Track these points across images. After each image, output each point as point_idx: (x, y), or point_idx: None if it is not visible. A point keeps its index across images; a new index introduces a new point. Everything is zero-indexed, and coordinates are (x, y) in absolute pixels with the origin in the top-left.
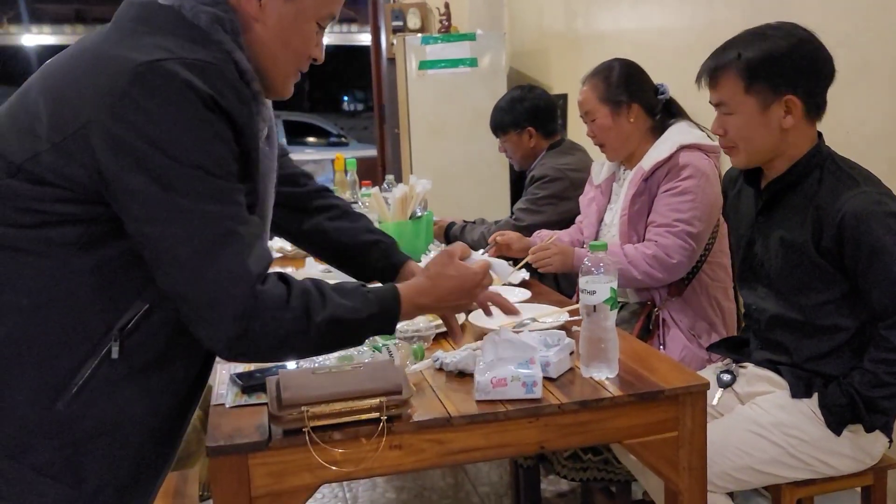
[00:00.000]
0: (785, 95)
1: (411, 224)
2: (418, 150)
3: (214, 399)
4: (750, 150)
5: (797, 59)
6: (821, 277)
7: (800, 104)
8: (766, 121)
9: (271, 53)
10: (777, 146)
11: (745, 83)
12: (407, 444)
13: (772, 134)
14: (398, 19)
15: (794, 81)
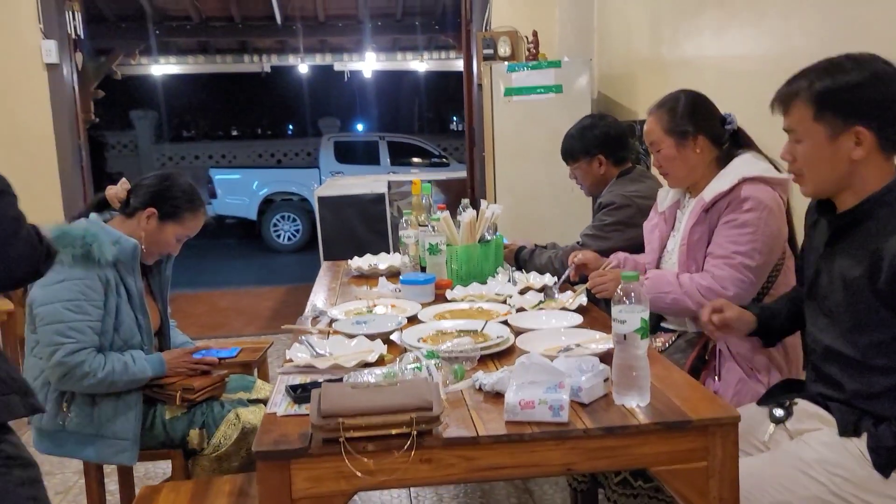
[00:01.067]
0: (855, 126)
1: (479, 247)
2: (502, 173)
3: (269, 408)
4: (816, 180)
5: (870, 91)
6: (876, 317)
7: (871, 137)
8: (834, 151)
9: None
10: (845, 178)
11: (815, 111)
12: (436, 458)
13: (839, 164)
14: (489, 47)
15: (865, 113)
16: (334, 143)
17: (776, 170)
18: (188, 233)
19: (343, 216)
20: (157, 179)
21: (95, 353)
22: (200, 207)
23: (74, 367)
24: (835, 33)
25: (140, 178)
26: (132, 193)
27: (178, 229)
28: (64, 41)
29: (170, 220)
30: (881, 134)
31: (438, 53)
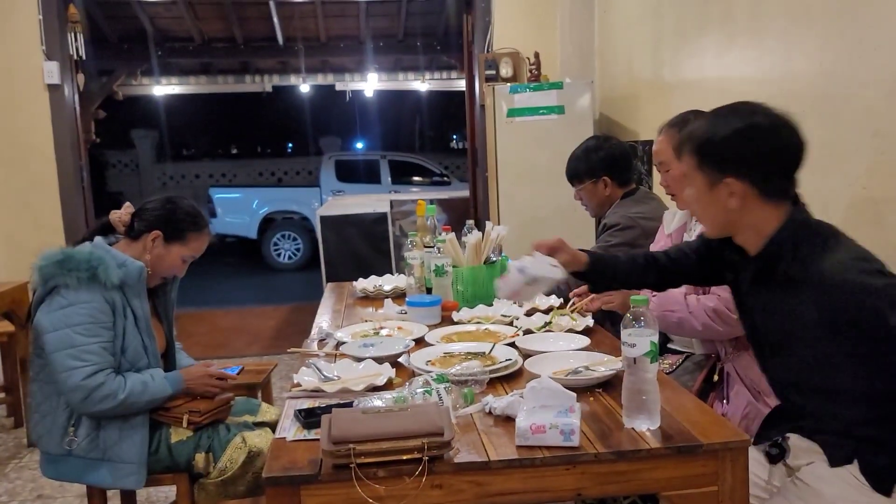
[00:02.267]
0: (725, 178)
1: (485, 269)
2: (505, 193)
3: (278, 433)
4: (708, 224)
5: (740, 144)
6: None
7: (745, 187)
8: (714, 199)
9: None
10: (731, 223)
11: (696, 160)
12: (447, 484)
13: (721, 212)
14: (491, 68)
15: (735, 166)
16: (335, 161)
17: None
18: (193, 254)
19: (345, 236)
20: (160, 202)
21: (114, 374)
22: (205, 228)
23: (94, 390)
24: (835, 56)
25: (144, 201)
26: (136, 217)
27: (184, 250)
28: (66, 62)
29: (175, 241)
30: (759, 184)
31: (440, 74)
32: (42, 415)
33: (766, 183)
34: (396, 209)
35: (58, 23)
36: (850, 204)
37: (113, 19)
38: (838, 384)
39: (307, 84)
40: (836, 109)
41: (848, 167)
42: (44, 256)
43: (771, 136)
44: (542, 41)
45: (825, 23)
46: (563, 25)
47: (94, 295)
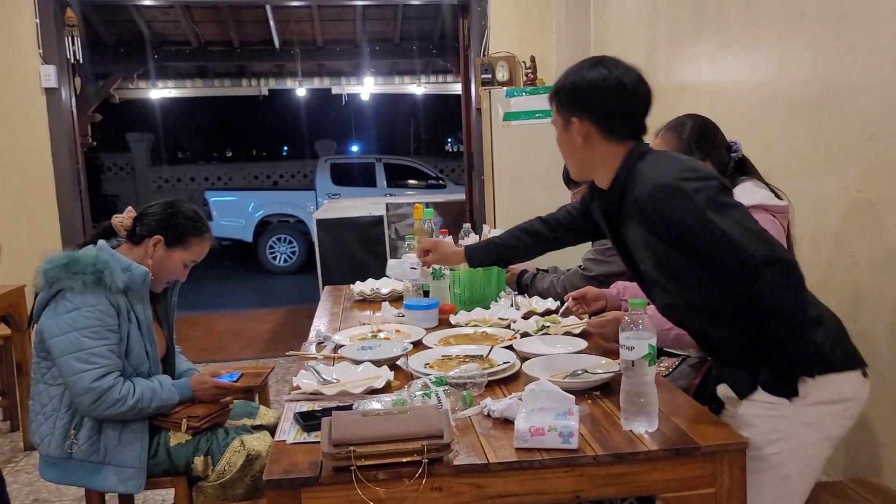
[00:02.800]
0: (571, 118)
1: (482, 272)
2: (502, 196)
3: (278, 435)
4: (570, 164)
5: (582, 89)
6: (666, 261)
7: (587, 126)
8: (567, 139)
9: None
10: (584, 161)
11: (555, 104)
12: (447, 486)
13: (575, 150)
14: (487, 72)
15: (577, 106)
16: (331, 165)
17: (777, 197)
18: (195, 258)
19: (342, 239)
20: (162, 207)
21: (123, 378)
22: (206, 232)
23: (104, 393)
24: (829, 61)
25: (145, 206)
26: (138, 221)
27: (186, 255)
28: (63, 66)
29: (176, 246)
30: (601, 123)
31: (436, 77)
32: (44, 417)
33: (607, 122)
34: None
35: (55, 26)
36: (845, 207)
37: (110, 23)
38: (698, 301)
39: (303, 87)
40: (830, 114)
41: (843, 171)
42: (48, 259)
43: (610, 82)
44: (537, 45)
45: (819, 29)
46: (559, 30)
47: (100, 298)
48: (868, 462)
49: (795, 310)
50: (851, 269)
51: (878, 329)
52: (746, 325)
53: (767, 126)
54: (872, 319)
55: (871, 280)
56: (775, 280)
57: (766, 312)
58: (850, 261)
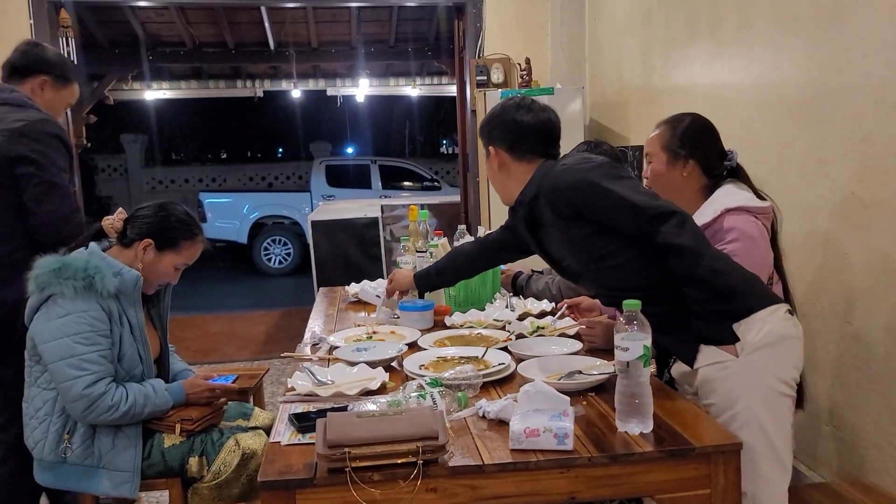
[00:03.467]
0: (487, 147)
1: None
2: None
3: (272, 437)
4: (496, 189)
5: (490, 124)
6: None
7: (499, 153)
8: (489, 168)
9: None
10: (507, 183)
11: (483, 140)
12: (441, 487)
13: (493, 177)
14: (482, 74)
15: (490, 138)
16: (326, 166)
17: (759, 198)
18: (186, 261)
19: (337, 240)
20: (153, 209)
21: (115, 384)
22: (198, 235)
23: (97, 400)
24: (823, 64)
25: (137, 208)
26: (129, 224)
27: (177, 259)
28: None
29: (167, 250)
30: (507, 150)
31: (431, 79)
32: (37, 422)
33: (513, 148)
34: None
35: (49, 27)
36: (839, 209)
37: (104, 24)
38: (621, 282)
39: (298, 89)
40: (824, 116)
41: (836, 172)
42: (40, 265)
43: (506, 116)
44: (532, 47)
45: (813, 31)
46: (554, 32)
47: (91, 303)
48: (862, 463)
49: (701, 253)
50: (845, 271)
51: (871, 330)
52: (667, 290)
53: (761, 128)
54: (866, 321)
55: (865, 282)
56: (674, 230)
57: (676, 265)
58: (844, 262)
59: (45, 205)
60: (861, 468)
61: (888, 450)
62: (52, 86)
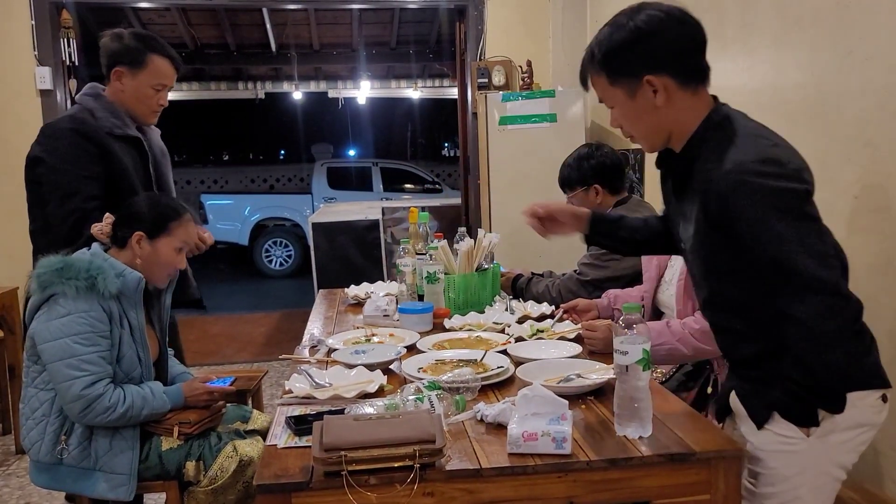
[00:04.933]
0: (644, 77)
1: (477, 276)
2: (497, 201)
3: (269, 440)
4: (642, 136)
5: (643, 41)
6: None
7: (665, 80)
8: (640, 105)
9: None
10: (664, 125)
11: (607, 77)
12: (439, 491)
13: (651, 116)
14: (483, 76)
15: (646, 62)
16: (327, 168)
17: None
18: (183, 242)
19: (337, 243)
20: (131, 204)
21: (113, 385)
22: (185, 213)
23: (94, 400)
24: (826, 66)
25: (119, 208)
26: (116, 225)
27: (173, 242)
28: (58, 68)
29: (160, 236)
30: (674, 75)
31: (433, 81)
32: (34, 422)
33: (681, 67)
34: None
35: (50, 28)
36: (842, 214)
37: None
38: (729, 304)
39: (300, 91)
40: (827, 119)
41: (840, 177)
42: (42, 264)
43: (665, 23)
44: (534, 50)
45: (816, 33)
46: (556, 34)
47: (92, 304)
48: (866, 470)
49: (822, 343)
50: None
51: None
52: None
53: None
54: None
55: (869, 287)
56: (815, 310)
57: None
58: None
59: (47, 207)
60: (864, 474)
61: (891, 456)
62: (128, 74)
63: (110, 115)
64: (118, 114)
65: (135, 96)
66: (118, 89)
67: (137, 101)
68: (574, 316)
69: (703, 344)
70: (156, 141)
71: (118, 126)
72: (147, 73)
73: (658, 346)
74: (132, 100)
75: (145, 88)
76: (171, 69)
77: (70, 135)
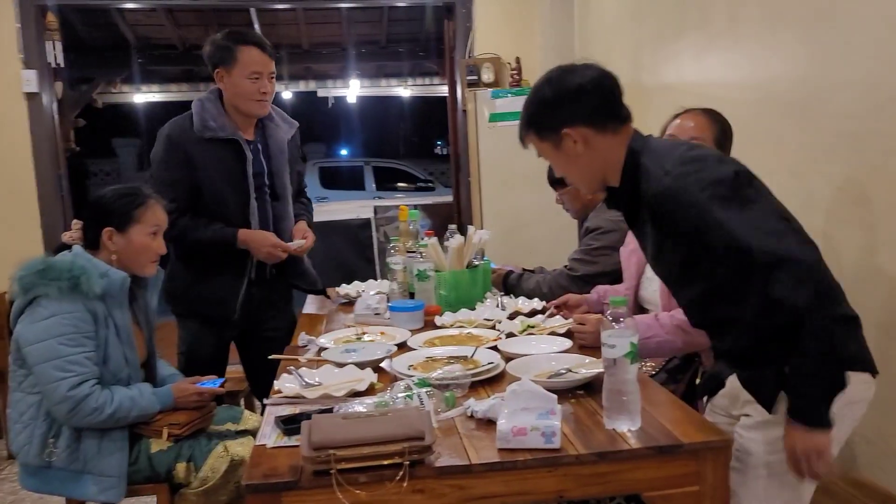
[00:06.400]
0: (562, 131)
1: (467, 273)
2: (488, 198)
3: (258, 440)
4: (577, 181)
5: (558, 100)
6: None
7: (580, 131)
8: (565, 155)
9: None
10: (594, 168)
11: (535, 135)
12: (429, 488)
13: (577, 162)
14: (473, 74)
15: (563, 118)
16: (319, 168)
17: None
18: (154, 226)
19: (330, 242)
20: (92, 204)
21: (100, 386)
22: (149, 198)
23: (81, 402)
24: (813, 59)
25: (82, 212)
26: (85, 228)
27: (144, 227)
28: (44, 70)
29: (129, 225)
30: (590, 125)
31: (423, 80)
32: (22, 426)
33: (596, 117)
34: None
35: (35, 30)
36: (830, 206)
37: (92, 27)
38: (707, 304)
39: (290, 91)
40: (814, 112)
41: (828, 169)
42: (24, 266)
43: (575, 81)
44: (522, 46)
45: (803, 26)
46: (544, 31)
47: (76, 305)
48: (853, 458)
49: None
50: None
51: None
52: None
53: (752, 125)
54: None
55: (857, 279)
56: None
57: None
58: (836, 261)
59: None
60: (852, 463)
61: (879, 445)
62: (225, 72)
63: (210, 119)
64: (218, 116)
65: (235, 92)
66: (224, 90)
67: (238, 95)
68: (565, 311)
69: (693, 336)
70: (276, 139)
71: (210, 129)
72: (239, 66)
73: (647, 339)
74: (235, 96)
75: (242, 81)
76: (262, 55)
77: (164, 140)
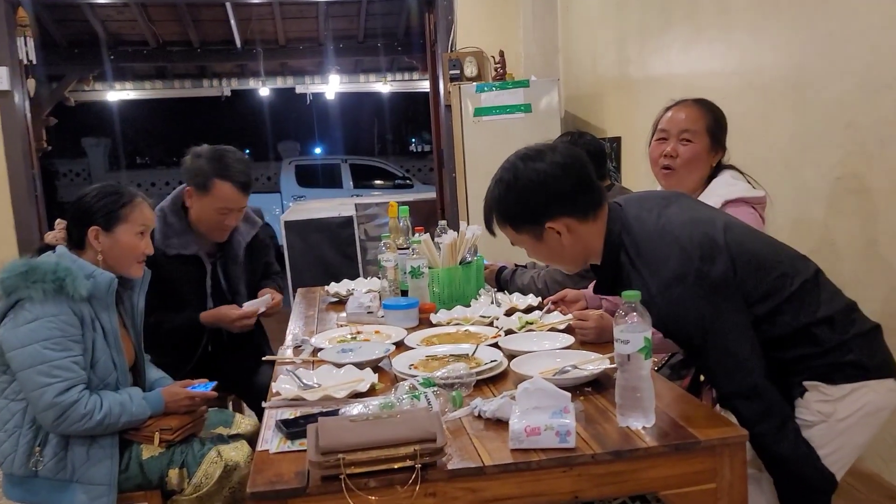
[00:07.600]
0: (545, 224)
1: (461, 269)
2: (474, 193)
3: (260, 445)
4: (560, 265)
5: (534, 195)
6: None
7: (564, 222)
8: (548, 246)
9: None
10: (577, 253)
11: (512, 228)
12: (441, 491)
13: (562, 252)
14: (455, 68)
15: (543, 213)
16: (295, 166)
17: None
18: (142, 225)
19: (311, 241)
20: (77, 202)
21: (89, 392)
22: (135, 197)
23: (69, 408)
24: (805, 48)
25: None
26: (69, 227)
27: (131, 227)
28: (16, 68)
29: (115, 224)
30: (572, 214)
31: (401, 75)
32: (6, 435)
33: (576, 207)
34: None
35: (7, 27)
36: (825, 196)
37: (63, 23)
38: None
39: (266, 87)
40: (807, 102)
41: (821, 158)
42: (6, 269)
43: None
44: (505, 40)
45: (795, 15)
46: (527, 23)
47: (62, 307)
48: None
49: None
50: (832, 258)
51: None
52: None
53: (744, 116)
54: None
55: (853, 268)
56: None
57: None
58: (831, 249)
59: None
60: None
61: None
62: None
63: (173, 235)
64: (181, 232)
65: (200, 217)
66: (190, 206)
67: (202, 222)
68: (562, 307)
69: None
70: (234, 247)
71: (173, 247)
72: (211, 198)
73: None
74: (199, 221)
75: (209, 211)
76: (237, 193)
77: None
